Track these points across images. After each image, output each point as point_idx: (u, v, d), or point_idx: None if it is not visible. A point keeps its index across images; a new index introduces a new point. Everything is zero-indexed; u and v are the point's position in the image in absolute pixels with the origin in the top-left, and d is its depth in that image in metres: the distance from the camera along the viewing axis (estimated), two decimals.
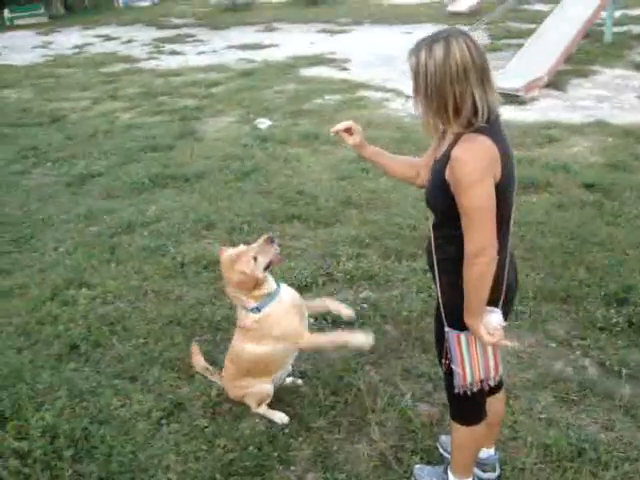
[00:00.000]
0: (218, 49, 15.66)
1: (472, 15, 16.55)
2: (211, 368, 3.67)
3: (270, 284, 3.24)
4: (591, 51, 12.47)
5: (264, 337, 3.22)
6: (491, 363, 2.45)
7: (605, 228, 5.40)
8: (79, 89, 12.17)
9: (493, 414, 2.78)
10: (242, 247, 3.24)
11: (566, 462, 3.05)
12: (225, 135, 8.67)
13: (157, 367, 3.92)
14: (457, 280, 2.31)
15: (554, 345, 3.99)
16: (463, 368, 2.45)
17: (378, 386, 3.65)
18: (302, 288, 4.63)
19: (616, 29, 13.62)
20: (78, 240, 5.69)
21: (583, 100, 9.68)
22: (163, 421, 3.49)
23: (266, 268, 3.18)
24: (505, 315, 2.45)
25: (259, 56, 14.23)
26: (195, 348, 3.77)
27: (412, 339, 4.06)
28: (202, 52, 15.41)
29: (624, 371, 3.69)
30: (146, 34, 18.77)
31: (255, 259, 3.11)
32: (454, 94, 2.14)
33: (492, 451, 3.00)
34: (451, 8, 18.05)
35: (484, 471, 2.99)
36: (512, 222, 2.42)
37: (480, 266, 2.21)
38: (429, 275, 4.66)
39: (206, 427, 3.40)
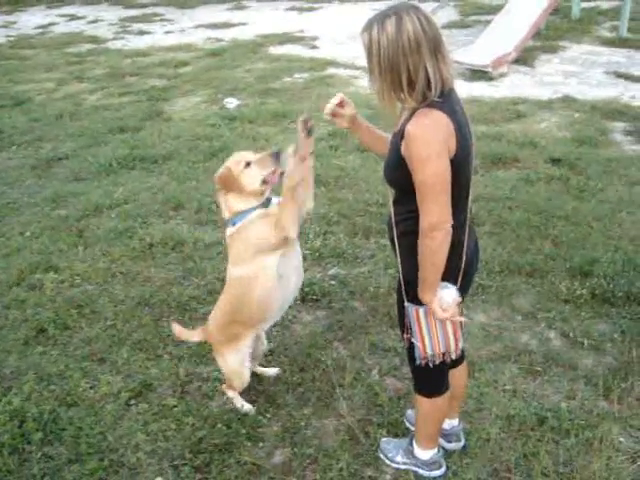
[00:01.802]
0: (186, 28, 15.46)
1: None
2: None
3: (251, 202, 3.05)
4: (559, 27, 12.53)
5: (241, 257, 3.05)
6: (451, 337, 2.48)
7: (571, 202, 5.47)
8: (44, 70, 11.95)
9: (455, 387, 2.83)
10: (250, 153, 3.14)
11: (529, 431, 3.12)
12: (193, 115, 8.59)
13: (126, 348, 3.91)
14: (416, 254, 2.33)
15: (520, 318, 4.05)
16: (422, 341, 2.49)
17: (346, 361, 3.68)
18: None
19: (584, 5, 13.68)
20: (45, 224, 5.62)
21: (551, 76, 9.74)
22: (132, 401, 3.50)
23: (262, 183, 3.03)
24: (464, 290, 2.48)
25: (228, 35, 14.08)
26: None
27: (380, 315, 4.10)
28: (170, 32, 15.20)
29: (587, 342, 3.77)
30: (112, 13, 18.45)
31: (248, 164, 3.03)
32: (407, 68, 2.15)
33: (455, 422, 3.05)
34: None
35: (449, 441, 3.05)
36: (471, 197, 2.43)
37: (435, 240, 2.23)
38: None
39: (175, 406, 3.41)
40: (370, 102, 8.53)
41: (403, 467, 2.96)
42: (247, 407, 3.37)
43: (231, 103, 8.92)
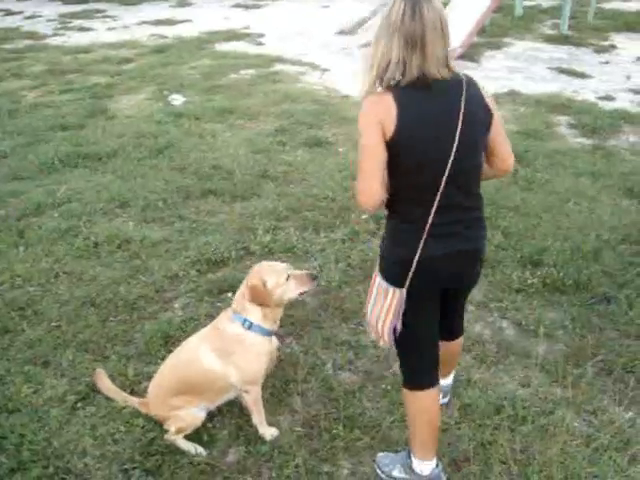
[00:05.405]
0: (129, 25, 15.12)
1: None
2: (120, 391, 3.33)
3: (275, 324, 3.05)
4: (503, 24, 12.78)
5: (228, 356, 2.96)
6: (380, 319, 2.51)
7: (520, 194, 5.53)
8: None
9: (446, 353, 2.86)
10: (284, 264, 3.06)
11: (485, 420, 3.11)
12: (138, 112, 8.38)
13: (71, 350, 3.76)
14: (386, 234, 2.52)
15: (472, 308, 4.05)
16: (368, 301, 2.59)
17: (299, 357, 3.62)
18: (219, 263, 4.55)
19: (526, 3, 13.97)
20: None
21: (496, 71, 9.88)
22: (78, 405, 3.35)
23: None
24: (418, 299, 2.47)
25: (172, 32, 13.81)
26: (100, 373, 3.37)
27: (331, 309, 4.05)
28: (112, 28, 14.84)
29: (539, 330, 3.78)
30: (51, 9, 17.90)
31: (287, 278, 2.92)
32: (384, 46, 2.23)
33: (448, 381, 3.13)
34: None
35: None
36: (438, 198, 2.29)
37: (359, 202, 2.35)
38: (347, 245, 4.70)
39: (124, 408, 3.27)
40: (316, 97, 8.52)
41: None
42: (199, 450, 3.05)
43: (177, 100, 8.76)
